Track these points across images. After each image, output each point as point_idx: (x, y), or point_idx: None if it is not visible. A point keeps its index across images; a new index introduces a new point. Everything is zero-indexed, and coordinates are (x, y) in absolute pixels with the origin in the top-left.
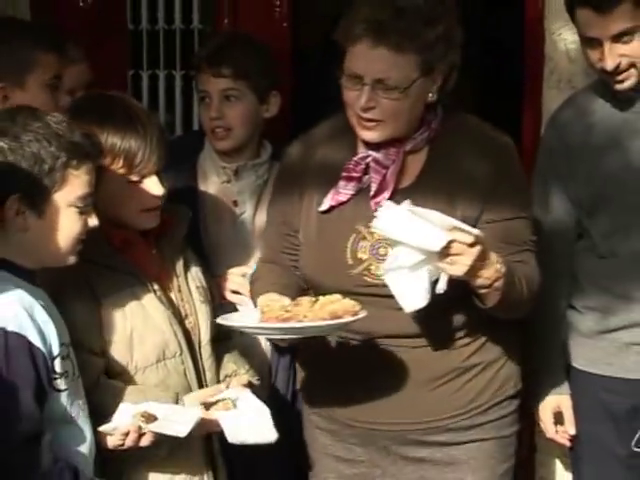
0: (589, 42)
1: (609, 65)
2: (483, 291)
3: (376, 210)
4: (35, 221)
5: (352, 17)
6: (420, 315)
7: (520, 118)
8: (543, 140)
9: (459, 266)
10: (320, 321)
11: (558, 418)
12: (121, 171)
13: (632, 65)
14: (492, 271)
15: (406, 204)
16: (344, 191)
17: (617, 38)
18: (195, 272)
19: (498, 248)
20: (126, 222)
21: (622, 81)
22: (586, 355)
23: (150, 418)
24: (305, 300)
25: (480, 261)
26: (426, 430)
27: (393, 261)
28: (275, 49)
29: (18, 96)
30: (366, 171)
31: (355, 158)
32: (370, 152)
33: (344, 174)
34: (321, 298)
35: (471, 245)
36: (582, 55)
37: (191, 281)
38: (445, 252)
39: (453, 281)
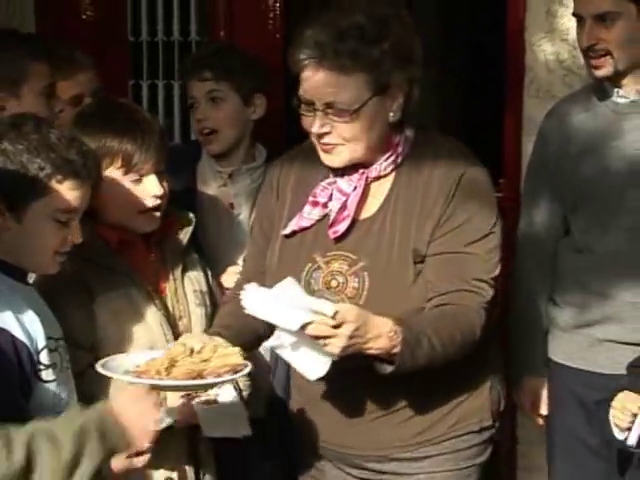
0: (579, 22)
1: (584, 42)
2: (381, 357)
3: (334, 240)
4: (14, 225)
5: (296, 43)
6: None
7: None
8: (533, 148)
9: (332, 347)
10: (167, 380)
11: (534, 400)
12: (120, 171)
13: (608, 52)
14: (383, 342)
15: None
16: (308, 217)
17: (599, 19)
18: (194, 276)
19: (435, 286)
20: (125, 224)
21: (598, 67)
22: (563, 349)
23: None
24: (208, 348)
25: (359, 337)
26: (368, 457)
27: (276, 339)
28: (269, 59)
29: (14, 105)
30: (332, 197)
31: (323, 183)
32: (336, 178)
33: (310, 199)
34: (220, 350)
35: (337, 326)
36: (560, 65)
37: (188, 285)
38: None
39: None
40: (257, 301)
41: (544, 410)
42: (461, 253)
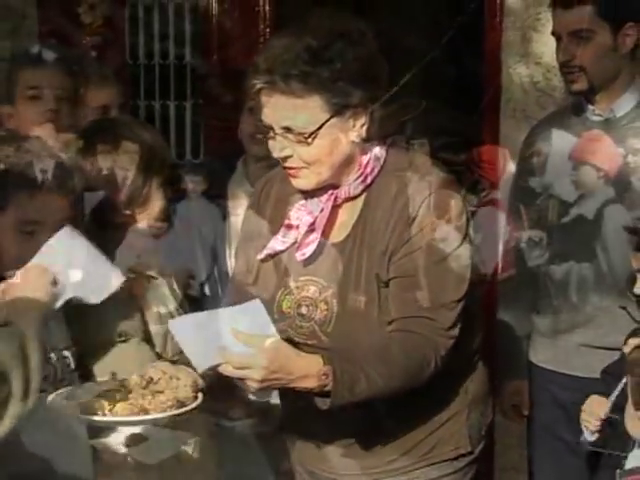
0: (557, 41)
1: (560, 57)
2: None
3: (304, 264)
4: None
5: (250, 69)
6: None
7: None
8: (515, 168)
9: (248, 387)
10: (108, 417)
11: (516, 402)
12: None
13: (582, 69)
14: (311, 382)
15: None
16: (283, 239)
17: (574, 36)
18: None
19: (392, 311)
20: (149, 229)
21: (574, 81)
22: (544, 353)
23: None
24: (164, 379)
25: (279, 380)
26: None
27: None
28: None
29: (12, 111)
30: (303, 219)
31: (297, 204)
32: (307, 199)
33: (285, 221)
34: (174, 381)
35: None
36: (534, 87)
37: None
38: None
39: None
40: (182, 330)
41: (525, 411)
42: (415, 277)
